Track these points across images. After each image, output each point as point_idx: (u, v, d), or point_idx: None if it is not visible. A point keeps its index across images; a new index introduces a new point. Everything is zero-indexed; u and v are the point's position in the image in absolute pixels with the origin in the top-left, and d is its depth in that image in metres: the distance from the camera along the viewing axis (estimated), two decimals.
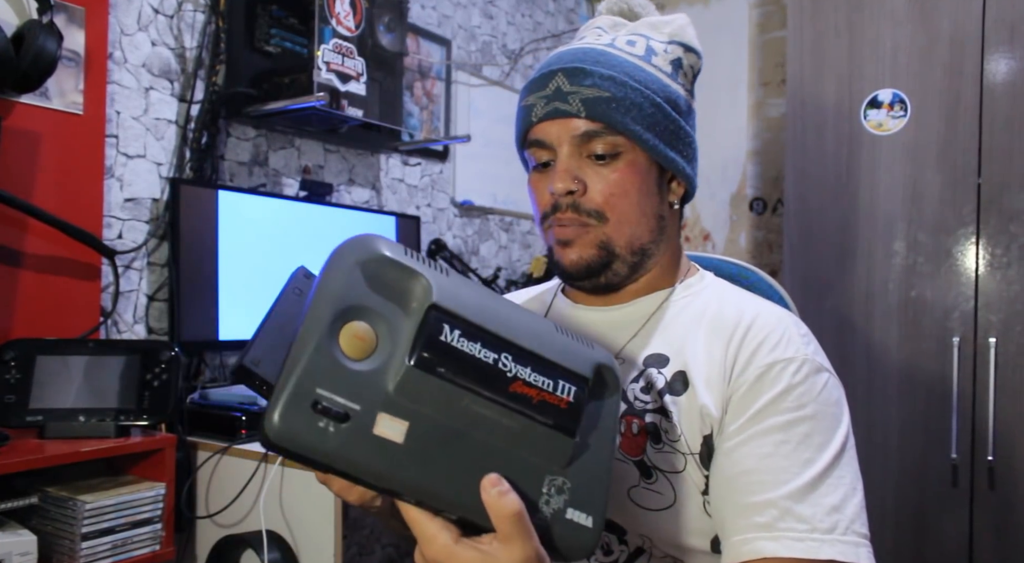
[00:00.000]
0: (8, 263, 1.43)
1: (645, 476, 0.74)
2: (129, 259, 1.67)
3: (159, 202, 1.73)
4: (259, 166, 1.97)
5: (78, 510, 1.25)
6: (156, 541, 1.36)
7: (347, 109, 1.87)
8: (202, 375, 1.79)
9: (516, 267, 2.90)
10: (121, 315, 1.66)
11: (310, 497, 1.38)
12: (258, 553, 1.36)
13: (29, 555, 1.18)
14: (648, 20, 0.86)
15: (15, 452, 1.21)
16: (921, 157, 2.01)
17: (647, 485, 0.73)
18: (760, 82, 2.93)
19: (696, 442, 0.73)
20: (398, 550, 2.37)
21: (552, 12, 3.15)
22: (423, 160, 2.50)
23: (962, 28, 1.96)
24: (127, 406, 1.37)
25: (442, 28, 2.57)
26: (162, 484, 1.37)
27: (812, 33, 2.17)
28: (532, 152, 0.82)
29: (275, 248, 1.87)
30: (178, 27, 1.78)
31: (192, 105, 1.78)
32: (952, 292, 1.96)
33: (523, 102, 0.82)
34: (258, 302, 1.82)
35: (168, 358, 1.40)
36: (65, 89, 1.49)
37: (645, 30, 0.84)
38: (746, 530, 0.66)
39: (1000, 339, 1.89)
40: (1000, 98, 1.91)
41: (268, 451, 0.69)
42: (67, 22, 1.49)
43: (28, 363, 1.32)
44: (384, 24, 2.01)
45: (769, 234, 2.93)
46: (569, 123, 0.78)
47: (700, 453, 0.73)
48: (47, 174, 1.47)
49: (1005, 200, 1.91)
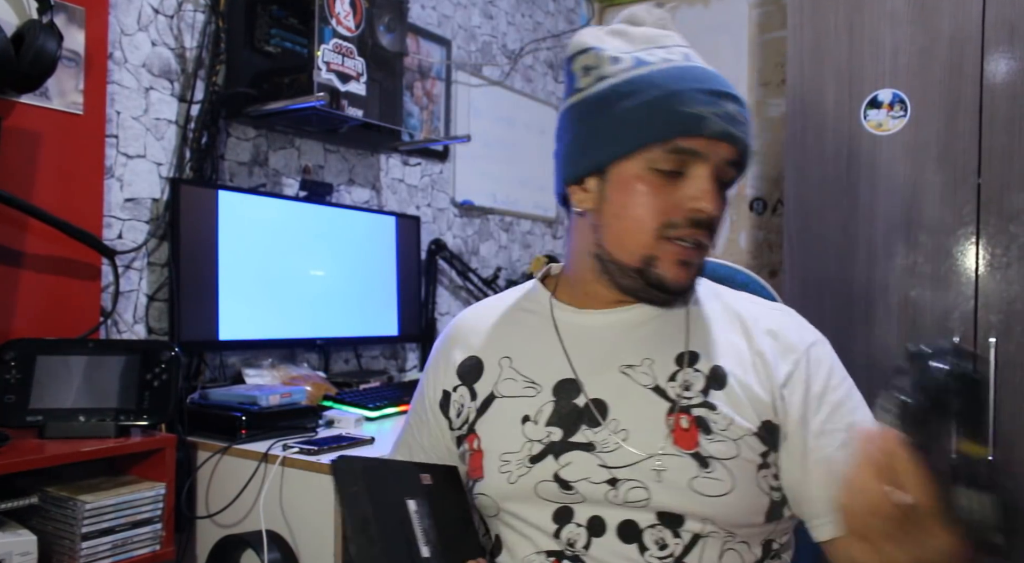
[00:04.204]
0: (8, 263, 1.42)
1: (703, 466, 0.78)
2: (129, 259, 1.67)
3: (159, 202, 1.73)
4: (259, 166, 1.97)
5: (78, 510, 1.25)
6: (156, 541, 1.36)
7: (347, 109, 1.87)
8: (202, 375, 1.79)
9: (516, 267, 2.90)
10: (121, 315, 1.66)
11: (310, 497, 1.38)
12: (258, 553, 1.36)
13: (29, 555, 1.18)
14: (672, 35, 0.87)
15: (15, 452, 1.21)
16: (921, 157, 2.01)
17: (706, 475, 0.77)
18: (760, 82, 2.93)
19: (751, 425, 0.80)
20: None
21: (552, 12, 3.15)
22: (423, 160, 2.50)
23: (962, 28, 1.96)
24: (127, 406, 1.37)
25: (442, 28, 2.57)
26: (162, 484, 1.37)
27: (812, 33, 2.17)
28: (672, 156, 0.79)
29: (275, 248, 1.87)
30: (178, 27, 1.78)
31: (192, 105, 1.78)
32: (952, 292, 1.96)
33: (688, 108, 0.77)
34: (258, 302, 1.82)
35: (168, 358, 1.40)
36: (65, 89, 1.49)
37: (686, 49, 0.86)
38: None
39: (1000, 339, 1.89)
40: (1000, 98, 1.91)
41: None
42: (67, 22, 1.49)
43: (28, 363, 1.32)
44: (384, 24, 2.01)
45: (769, 234, 2.93)
46: (726, 148, 0.80)
47: (759, 434, 0.80)
48: (47, 174, 1.47)
49: (1005, 200, 1.91)
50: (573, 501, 0.80)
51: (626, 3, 3.26)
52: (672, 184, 0.80)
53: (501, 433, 0.85)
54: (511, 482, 0.82)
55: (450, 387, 0.93)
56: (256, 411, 1.53)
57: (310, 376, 1.88)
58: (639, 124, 0.79)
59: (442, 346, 0.98)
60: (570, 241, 0.91)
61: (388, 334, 2.20)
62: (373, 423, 1.73)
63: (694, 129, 0.78)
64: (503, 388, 0.88)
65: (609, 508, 0.79)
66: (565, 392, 0.84)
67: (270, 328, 1.85)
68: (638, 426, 0.80)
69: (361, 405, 1.76)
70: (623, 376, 0.83)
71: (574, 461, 0.80)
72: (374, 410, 1.76)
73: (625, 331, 0.86)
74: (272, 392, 1.58)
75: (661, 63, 0.81)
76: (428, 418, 0.95)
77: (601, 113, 0.81)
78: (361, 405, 1.76)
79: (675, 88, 0.79)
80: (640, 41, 0.85)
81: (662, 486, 0.77)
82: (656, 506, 0.78)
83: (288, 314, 1.90)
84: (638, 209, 0.80)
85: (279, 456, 1.40)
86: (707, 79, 0.80)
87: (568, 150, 0.86)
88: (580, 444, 0.81)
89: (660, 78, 0.79)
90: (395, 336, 2.22)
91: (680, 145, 0.78)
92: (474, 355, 0.92)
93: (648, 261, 0.80)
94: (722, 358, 0.83)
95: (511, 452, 0.83)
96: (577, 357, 0.86)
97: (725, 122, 0.78)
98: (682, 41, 0.86)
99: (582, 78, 0.84)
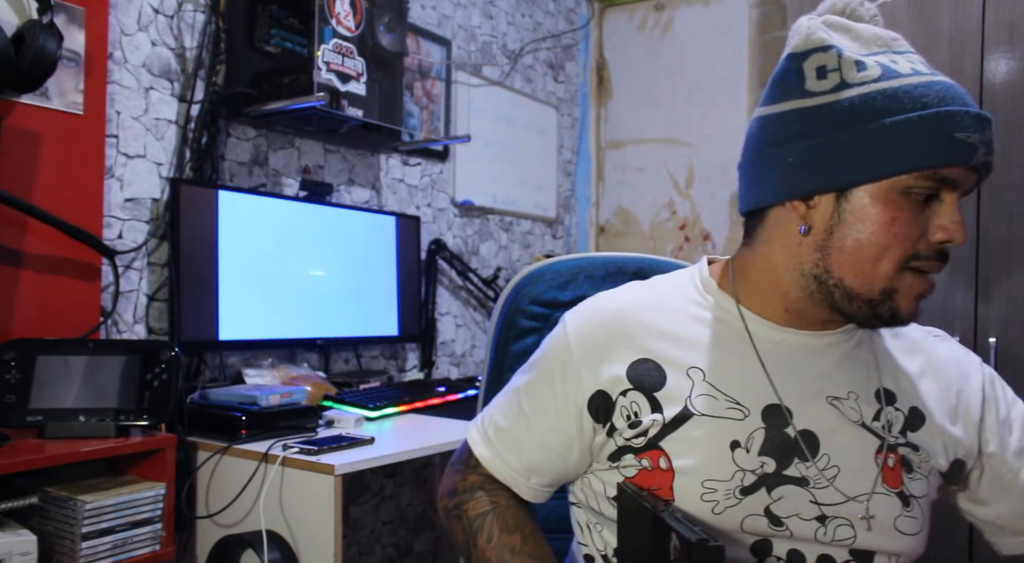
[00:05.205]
0: (8, 263, 1.42)
1: (905, 505, 0.77)
2: (129, 259, 1.67)
3: (159, 202, 1.73)
4: (259, 166, 1.97)
5: (78, 510, 1.25)
6: (156, 541, 1.36)
7: (347, 109, 1.87)
8: (202, 375, 1.79)
9: (516, 267, 2.90)
10: (121, 315, 1.66)
11: (310, 497, 1.38)
12: (258, 553, 1.36)
13: (29, 555, 1.18)
14: (890, 35, 0.81)
15: (15, 452, 1.21)
16: None
17: (907, 513, 0.77)
18: (760, 82, 2.93)
19: (945, 464, 0.81)
20: (398, 550, 2.37)
21: (552, 12, 3.14)
22: (423, 160, 2.50)
23: (962, 28, 1.96)
24: (127, 406, 1.37)
25: (442, 28, 2.57)
26: (162, 484, 1.37)
27: None
28: (926, 184, 0.71)
29: (275, 248, 1.87)
30: (178, 27, 1.78)
31: (192, 105, 1.78)
32: (952, 292, 1.96)
33: (962, 135, 0.70)
34: (258, 302, 1.82)
35: (168, 358, 1.40)
36: (65, 89, 1.49)
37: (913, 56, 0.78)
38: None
39: (1000, 339, 1.89)
40: (1000, 98, 1.91)
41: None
42: (67, 22, 1.49)
43: (28, 363, 1.32)
44: (384, 24, 2.01)
45: None
46: (976, 176, 0.74)
47: (945, 474, 0.82)
48: (47, 174, 1.47)
49: (1005, 200, 1.91)
50: (776, 536, 0.76)
51: (627, 3, 3.26)
52: (920, 211, 0.72)
53: (707, 456, 0.76)
54: (716, 512, 0.75)
55: (614, 389, 0.80)
56: (256, 411, 1.53)
57: (310, 376, 1.88)
58: (902, 146, 0.70)
59: (593, 337, 0.83)
60: (767, 253, 0.80)
61: (388, 334, 2.20)
62: (373, 423, 1.73)
63: (965, 158, 0.70)
64: (701, 405, 0.77)
65: (811, 544, 0.76)
66: (775, 419, 0.77)
67: (270, 328, 1.85)
68: (850, 464, 0.77)
69: (361, 405, 1.77)
70: (832, 409, 0.79)
71: (786, 496, 0.75)
72: (374, 410, 1.76)
73: (828, 358, 0.81)
74: (272, 392, 1.58)
75: (913, 76, 0.73)
76: (563, 415, 0.82)
77: (850, 127, 0.72)
78: (361, 405, 1.77)
79: (943, 109, 0.70)
80: (872, 42, 0.78)
81: (870, 525, 0.76)
82: (859, 545, 0.76)
83: (288, 314, 1.90)
84: (885, 237, 0.72)
85: (279, 456, 1.40)
86: (969, 101, 0.73)
87: (796, 161, 0.75)
88: (793, 478, 0.76)
89: (923, 95, 0.71)
90: (395, 336, 2.22)
91: (942, 173, 0.71)
92: (648, 358, 0.80)
93: (887, 294, 0.73)
94: (917, 398, 0.82)
95: (719, 480, 0.75)
96: (781, 381, 0.79)
97: (988, 152, 0.72)
98: (909, 45, 0.79)
99: (816, 80, 0.74)
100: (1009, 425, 0.84)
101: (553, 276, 1.07)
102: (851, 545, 0.76)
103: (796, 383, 0.79)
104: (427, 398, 1.93)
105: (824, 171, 0.73)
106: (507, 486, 0.86)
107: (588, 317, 0.85)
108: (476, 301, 2.72)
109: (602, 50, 3.35)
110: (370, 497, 2.27)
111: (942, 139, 0.70)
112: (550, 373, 0.84)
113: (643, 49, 3.21)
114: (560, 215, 3.19)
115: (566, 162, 3.24)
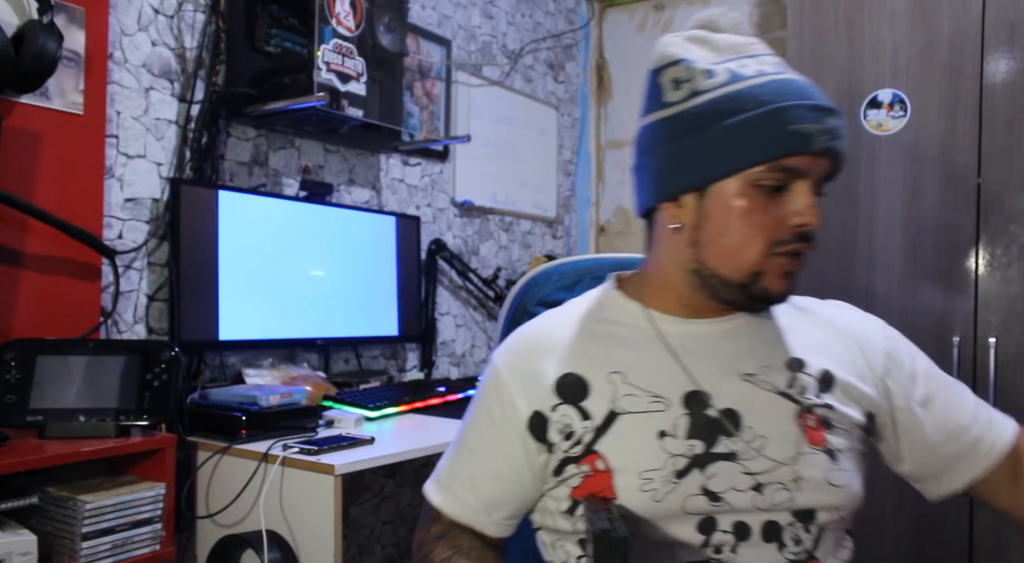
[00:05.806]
0: (8, 263, 1.43)
1: (832, 460, 0.82)
2: (129, 259, 1.68)
3: (159, 202, 1.73)
4: (259, 166, 1.97)
5: (78, 510, 1.25)
6: (156, 541, 1.36)
7: (347, 109, 1.87)
8: (202, 375, 1.79)
9: (516, 267, 2.90)
10: (121, 315, 1.66)
11: (310, 497, 1.38)
12: (258, 553, 1.36)
13: (29, 555, 1.18)
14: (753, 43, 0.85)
15: (15, 452, 1.22)
16: (921, 157, 2.01)
17: (836, 467, 0.82)
18: None
19: (861, 419, 0.86)
20: (398, 550, 2.37)
21: (552, 12, 3.15)
22: (423, 160, 2.50)
23: (962, 28, 1.96)
24: (127, 406, 1.37)
25: (442, 28, 2.57)
26: (162, 484, 1.37)
27: (812, 33, 2.17)
28: (774, 175, 0.78)
29: (275, 248, 1.87)
30: (178, 27, 1.78)
31: (192, 105, 1.78)
32: (952, 292, 1.96)
33: (795, 126, 0.76)
34: (258, 302, 1.82)
35: (168, 358, 1.41)
36: (65, 89, 1.49)
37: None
38: (992, 426, 0.89)
39: (1000, 339, 1.89)
40: (1000, 98, 1.91)
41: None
42: (67, 22, 1.49)
43: (28, 363, 1.32)
44: (384, 24, 2.01)
45: None
46: (826, 162, 0.80)
47: (864, 427, 0.86)
48: (47, 174, 1.47)
49: (1005, 200, 1.91)
50: (718, 512, 0.80)
51: (627, 3, 3.26)
52: (774, 200, 0.79)
53: (637, 450, 0.81)
54: (657, 500, 0.79)
55: (546, 407, 0.85)
56: (256, 411, 1.53)
57: (310, 376, 1.88)
58: (744, 143, 0.77)
59: (520, 364, 0.88)
60: (656, 253, 0.88)
61: (388, 334, 2.20)
62: (373, 423, 1.73)
63: (802, 147, 0.76)
64: (625, 404, 0.83)
65: (752, 513, 0.80)
66: (696, 404, 0.83)
67: (270, 328, 1.86)
68: (774, 430, 0.82)
69: (361, 405, 1.77)
70: (748, 384, 0.84)
71: (719, 472, 0.80)
72: (374, 410, 1.76)
73: (735, 340, 0.87)
74: (272, 392, 1.58)
75: (758, 77, 0.79)
76: (507, 442, 0.86)
77: (700, 130, 0.79)
78: (361, 405, 1.77)
79: (779, 105, 0.77)
80: (727, 50, 0.83)
81: (803, 484, 0.80)
82: (798, 505, 0.80)
83: (288, 314, 1.90)
84: (745, 228, 0.79)
85: (279, 456, 1.40)
86: (808, 93, 0.79)
87: (661, 166, 0.83)
88: (723, 454, 0.80)
89: (761, 93, 0.77)
90: (395, 336, 2.22)
91: (786, 164, 0.77)
92: (571, 372, 0.85)
93: (755, 276, 0.80)
94: (826, 362, 0.87)
95: (653, 469, 0.80)
96: (695, 368, 0.85)
97: (830, 139, 0.77)
98: (766, 48, 0.84)
99: (672, 92, 0.82)
100: (914, 378, 0.89)
101: (560, 277, 1.09)
102: (791, 507, 0.80)
103: (710, 367, 0.85)
104: (427, 398, 1.93)
105: (684, 172, 0.81)
106: (470, 528, 0.88)
107: (512, 347, 0.91)
108: (476, 301, 2.72)
109: (602, 50, 3.35)
110: (370, 497, 2.27)
111: (778, 132, 0.76)
112: (488, 407, 0.89)
113: (643, 49, 3.21)
114: (560, 215, 3.19)
115: (566, 162, 3.24)
